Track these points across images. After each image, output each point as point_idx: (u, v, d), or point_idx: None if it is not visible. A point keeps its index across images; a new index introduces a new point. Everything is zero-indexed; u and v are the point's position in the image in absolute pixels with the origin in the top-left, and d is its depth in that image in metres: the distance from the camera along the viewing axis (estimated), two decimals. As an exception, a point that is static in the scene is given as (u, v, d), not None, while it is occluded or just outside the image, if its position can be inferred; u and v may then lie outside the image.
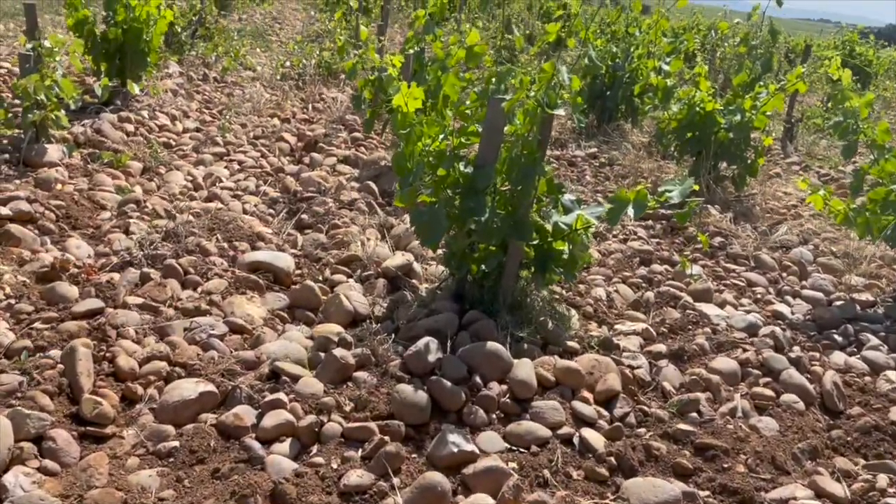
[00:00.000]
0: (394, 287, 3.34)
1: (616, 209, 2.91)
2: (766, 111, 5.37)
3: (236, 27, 12.15)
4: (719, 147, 5.49)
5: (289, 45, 10.32)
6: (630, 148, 6.82)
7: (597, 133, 7.45)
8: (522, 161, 2.79)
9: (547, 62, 3.09)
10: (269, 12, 16.48)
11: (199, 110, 6.50)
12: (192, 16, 8.69)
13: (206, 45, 8.67)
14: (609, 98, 7.52)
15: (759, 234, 4.71)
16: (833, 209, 3.64)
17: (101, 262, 3.10)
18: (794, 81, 5.11)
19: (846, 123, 3.93)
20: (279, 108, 7.03)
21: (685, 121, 5.60)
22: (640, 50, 6.54)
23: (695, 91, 5.51)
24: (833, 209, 3.64)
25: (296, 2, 22.76)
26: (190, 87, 7.21)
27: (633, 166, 6.30)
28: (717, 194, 5.38)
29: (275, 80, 8.35)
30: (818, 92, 14.05)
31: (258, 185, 4.62)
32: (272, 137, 5.82)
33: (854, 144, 3.96)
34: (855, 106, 3.95)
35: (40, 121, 3.94)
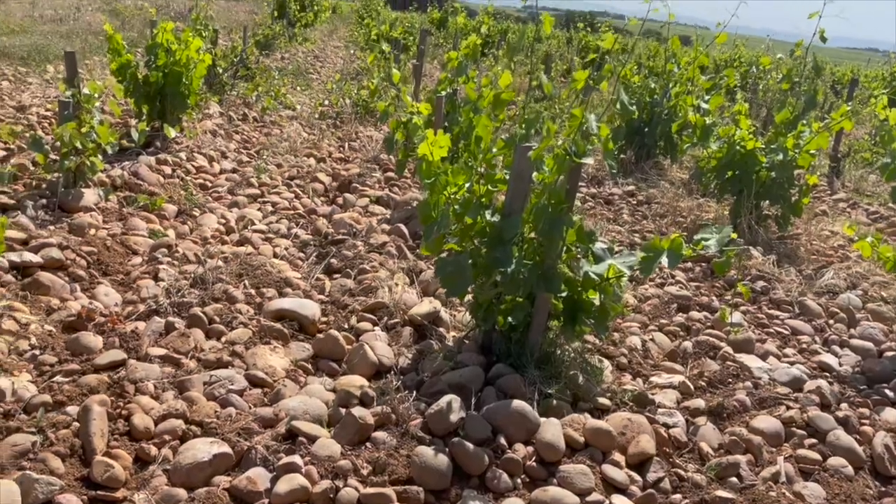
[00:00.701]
0: (420, 335, 3.27)
1: (650, 259, 2.80)
2: (809, 150, 5.20)
3: (278, 66, 12.42)
4: (761, 186, 5.32)
5: (328, 85, 10.47)
6: (668, 185, 6.69)
7: (634, 170, 7.33)
8: (550, 211, 2.70)
9: (577, 107, 3.03)
10: (311, 51, 16.81)
11: (237, 150, 6.59)
12: (233, 57, 8.88)
13: (247, 85, 8.83)
14: (647, 134, 7.41)
15: (803, 278, 4.52)
16: (882, 256, 3.46)
17: (128, 311, 3.10)
18: (839, 120, 4.94)
19: (894, 165, 3.75)
20: (316, 147, 7.09)
21: (725, 159, 5.45)
22: (678, 87, 6.43)
23: (735, 129, 5.37)
24: (882, 256, 3.46)
25: (337, 39, 23.24)
26: (229, 127, 7.34)
27: (672, 205, 6.16)
28: (759, 235, 5.20)
29: (313, 118, 8.45)
30: (866, 125, 13.67)
31: (290, 228, 4.62)
32: (307, 178, 5.85)
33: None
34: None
35: (77, 166, 4.01)
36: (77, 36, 11.56)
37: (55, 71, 8.87)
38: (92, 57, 10.29)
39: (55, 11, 14.09)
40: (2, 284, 3.01)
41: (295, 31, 16.52)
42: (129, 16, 15.37)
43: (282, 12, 17.51)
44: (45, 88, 7.85)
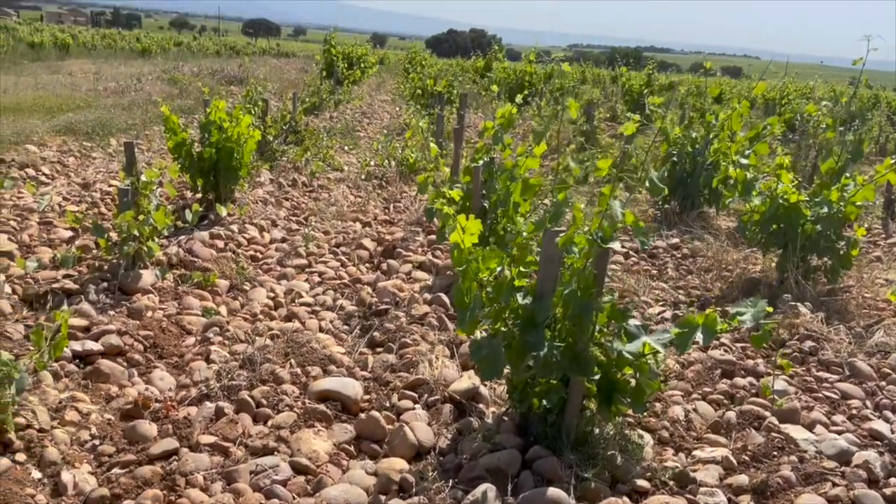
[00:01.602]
0: (460, 412, 3.33)
1: (684, 335, 2.82)
2: (856, 201, 5.13)
3: (326, 126, 12.85)
4: (807, 240, 5.25)
5: (374, 144, 10.77)
6: (714, 237, 6.64)
7: (679, 221, 7.30)
8: (579, 295, 2.76)
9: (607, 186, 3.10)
10: (358, 107, 17.32)
11: (286, 218, 6.85)
12: (282, 125, 9.26)
13: (297, 149, 9.17)
14: (691, 185, 7.40)
15: (853, 336, 4.41)
16: (930, 320, 3.38)
17: (181, 395, 3.26)
18: (884, 173, 4.86)
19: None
20: (362, 210, 7.30)
21: (768, 213, 5.40)
22: (717, 143, 6.43)
23: (776, 183, 5.33)
24: (930, 320, 3.38)
25: (385, 92, 23.87)
26: (279, 194, 7.63)
27: (717, 258, 6.11)
28: (807, 290, 5.11)
29: (360, 180, 8.71)
30: (925, 156, 13.31)
31: (335, 299, 4.77)
32: (353, 244, 6.03)
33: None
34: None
35: (135, 252, 4.27)
36: (138, 107, 12.24)
37: (117, 144, 9.39)
38: (151, 127, 10.87)
39: (117, 83, 14.96)
40: (66, 375, 3.21)
41: (343, 89, 17.07)
42: (187, 83, 16.17)
43: (330, 71, 18.15)
44: (108, 163, 8.32)
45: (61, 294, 4.14)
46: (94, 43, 33.47)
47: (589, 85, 33.58)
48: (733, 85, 36.85)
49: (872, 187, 5.06)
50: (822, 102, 6.88)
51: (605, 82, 36.67)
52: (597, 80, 39.26)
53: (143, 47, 33.57)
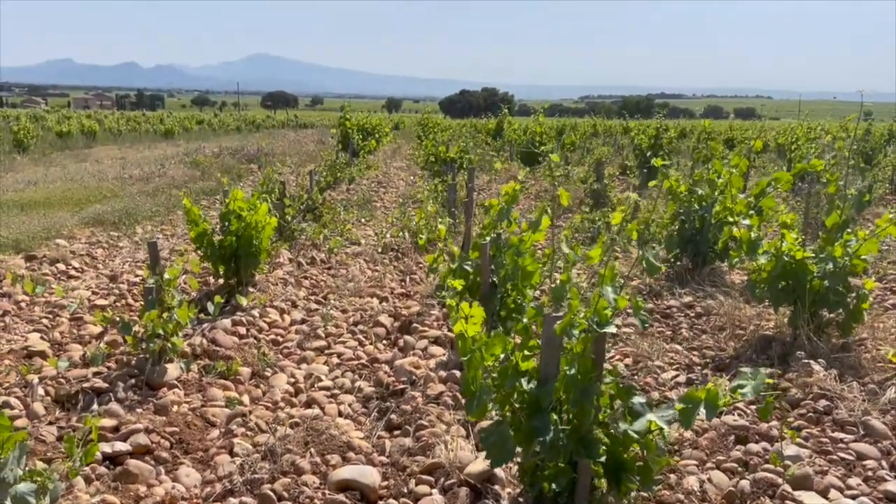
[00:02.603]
0: (476, 495, 3.40)
1: (688, 411, 2.90)
2: (861, 255, 5.20)
3: (344, 198, 13.20)
4: (816, 295, 5.31)
5: (389, 218, 11.04)
6: (727, 293, 6.70)
7: (691, 279, 7.38)
8: (579, 380, 2.87)
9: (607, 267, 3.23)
10: (374, 177, 17.75)
11: (306, 298, 7.04)
12: (300, 204, 9.57)
13: (314, 227, 9.45)
14: (700, 242, 7.51)
15: (867, 394, 4.43)
16: (935, 379, 3.42)
17: (207, 492, 3.38)
18: (885, 227, 4.95)
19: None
20: (379, 285, 7.49)
21: (775, 271, 5.48)
22: (718, 207, 6.57)
23: (780, 241, 5.43)
24: (935, 379, 3.42)
25: (400, 158, 24.43)
26: (299, 273, 7.86)
27: (730, 315, 6.16)
28: (819, 347, 5.15)
29: (376, 253, 8.93)
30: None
31: (354, 381, 4.90)
32: (370, 322, 6.19)
33: (950, 303, 3.75)
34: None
35: (160, 348, 4.46)
36: (162, 192, 12.71)
37: (143, 232, 9.76)
38: (175, 212, 11.27)
39: (142, 169, 15.55)
40: (96, 478, 3.36)
41: (359, 160, 17.53)
42: (208, 165, 16.74)
43: (346, 144, 18.68)
44: (134, 252, 8.65)
45: (91, 393, 4.33)
46: (119, 128, 34.78)
47: (600, 138, 34.09)
48: (745, 129, 37.08)
49: (876, 242, 5.14)
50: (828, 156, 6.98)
51: (617, 134, 37.19)
52: (608, 133, 39.83)
53: (166, 129, 34.79)
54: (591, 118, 53.15)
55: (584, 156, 21.75)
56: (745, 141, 23.83)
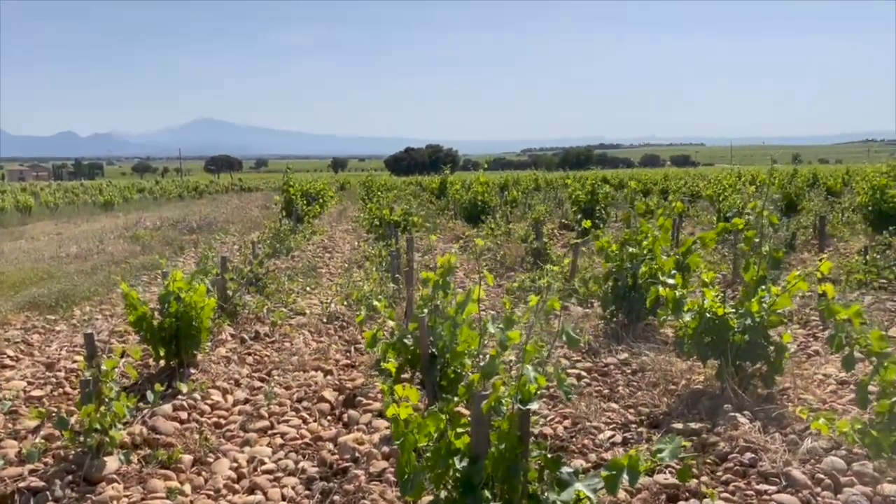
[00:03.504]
0: (418, 574, 3.46)
1: (612, 478, 3.07)
2: (776, 309, 5.53)
3: (288, 266, 13.22)
4: (738, 349, 5.60)
5: (333, 287, 11.11)
6: (661, 348, 6.96)
7: (626, 335, 7.64)
8: (507, 456, 3.01)
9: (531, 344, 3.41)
10: (320, 241, 17.81)
11: (249, 375, 7.02)
12: (241, 278, 9.58)
13: (258, 299, 9.45)
14: (634, 299, 7.81)
15: (788, 444, 4.68)
16: (839, 431, 3.67)
17: (146, 591, 3.36)
18: (794, 283, 5.29)
19: (838, 337, 4.06)
20: (324, 357, 7.52)
21: (700, 327, 5.77)
22: (644, 268, 6.90)
23: (702, 300, 5.73)
24: (839, 431, 3.67)
25: (346, 221, 24.58)
26: (242, 349, 7.84)
27: (664, 371, 6.40)
28: (744, 399, 5.41)
29: (321, 323, 8.97)
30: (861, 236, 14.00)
31: (297, 462, 4.92)
32: (314, 398, 6.22)
33: (851, 356, 4.05)
34: (844, 318, 4.09)
35: (99, 443, 4.43)
36: (100, 270, 12.52)
37: (81, 314, 9.59)
38: (115, 290, 11.10)
39: (79, 246, 15.30)
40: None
41: (303, 226, 17.62)
42: (149, 239, 16.57)
43: (289, 210, 18.75)
44: (71, 335, 8.49)
45: (27, 493, 4.25)
46: (55, 201, 34.08)
47: (542, 192, 34.96)
48: (679, 177, 38.59)
49: (788, 297, 5.47)
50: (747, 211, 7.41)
51: (559, 188, 38.21)
52: (550, 186, 40.88)
53: (105, 200, 34.26)
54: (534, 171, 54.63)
55: (527, 212, 22.29)
56: (679, 191, 24.86)
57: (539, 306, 3.77)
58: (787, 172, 28.86)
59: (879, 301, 9.14)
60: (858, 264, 10.27)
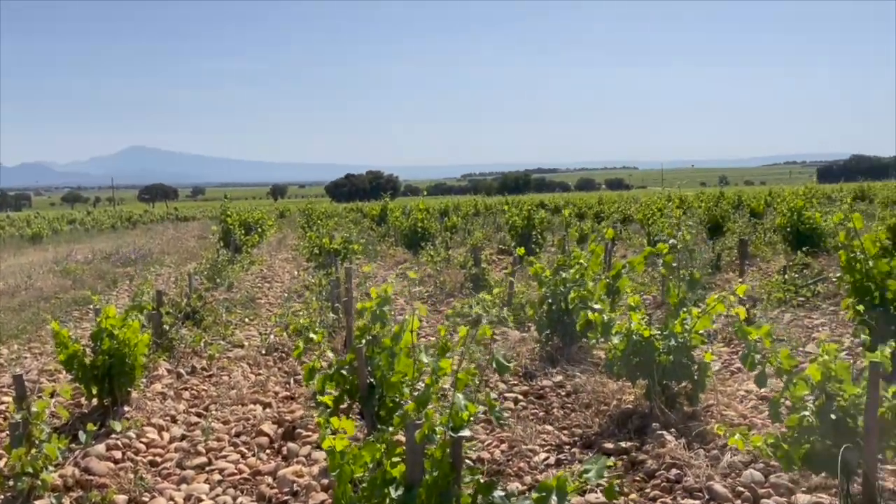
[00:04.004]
0: None
1: (542, 500, 3.21)
2: (697, 330, 5.82)
3: (227, 297, 13.05)
4: (664, 369, 5.86)
5: (271, 318, 11.04)
6: (590, 374, 7.19)
7: (561, 358, 7.87)
8: (439, 483, 3.13)
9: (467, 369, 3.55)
10: (259, 271, 17.63)
11: (186, 411, 6.94)
12: (177, 312, 9.46)
13: (195, 333, 9.33)
14: (568, 322, 8.05)
15: (711, 459, 4.92)
16: (754, 445, 3.92)
17: None
18: (713, 305, 5.60)
19: (751, 356, 4.33)
20: (262, 389, 7.49)
21: (628, 349, 6.02)
22: (573, 294, 7.16)
23: (628, 323, 5.99)
24: (754, 445, 3.92)
25: (286, 249, 24.36)
26: (178, 385, 7.73)
27: (596, 392, 6.63)
28: (671, 417, 5.66)
29: (259, 355, 8.92)
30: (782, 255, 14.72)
31: (236, 498, 4.91)
32: (252, 432, 6.20)
33: (763, 375, 4.33)
34: (756, 338, 4.37)
35: (30, 487, 4.34)
36: (29, 307, 12.12)
37: (9, 353, 9.28)
38: (45, 327, 10.76)
39: (6, 282, 14.76)
40: None
41: (241, 256, 17.42)
42: (80, 273, 16.11)
43: (227, 240, 18.52)
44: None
45: (-49, 542, 4.13)
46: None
47: (482, 217, 35.44)
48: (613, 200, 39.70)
49: (709, 318, 5.78)
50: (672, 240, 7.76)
51: (498, 213, 38.80)
52: (489, 211, 41.46)
53: (33, 232, 33.06)
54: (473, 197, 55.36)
55: (467, 237, 22.58)
56: (612, 215, 25.63)
57: (471, 334, 3.91)
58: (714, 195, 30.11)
59: (798, 318, 9.65)
60: (778, 283, 10.82)
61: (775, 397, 4.22)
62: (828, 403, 3.89)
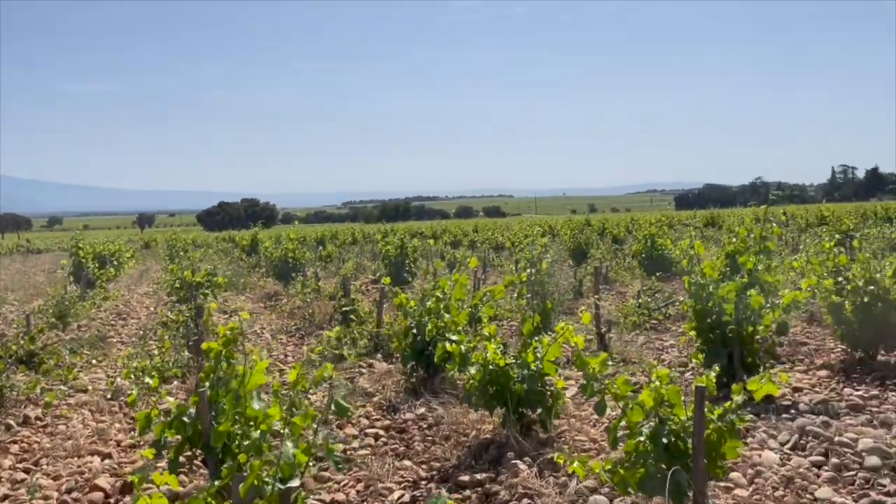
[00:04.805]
0: None
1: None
2: (549, 358, 5.95)
3: (73, 337, 12.10)
4: (519, 398, 5.94)
5: (119, 360, 10.33)
6: (451, 405, 7.18)
7: (425, 389, 7.82)
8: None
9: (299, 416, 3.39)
10: (114, 307, 16.53)
11: (12, 467, 6.29)
12: (9, 357, 8.63)
13: (31, 379, 8.53)
14: (432, 353, 8.02)
15: (560, 486, 5.00)
16: (593, 471, 4.01)
17: None
18: (562, 333, 5.74)
19: (590, 385, 4.44)
20: (103, 438, 6.93)
21: (484, 379, 6.05)
22: (430, 325, 7.16)
23: (483, 354, 6.03)
24: (593, 471, 4.01)
25: (147, 283, 23.02)
26: (7, 437, 7.01)
27: (456, 423, 6.61)
28: (524, 445, 5.72)
29: (104, 400, 8.27)
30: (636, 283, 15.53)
31: (57, 564, 4.45)
32: (86, 487, 5.69)
33: (603, 402, 4.45)
34: (593, 367, 4.50)
35: None
36: None
37: None
38: None
39: None
40: None
41: (95, 291, 16.25)
42: None
43: (78, 274, 17.26)
44: None
45: None
46: None
47: (359, 245, 35.19)
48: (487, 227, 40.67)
49: (558, 346, 5.92)
50: (530, 269, 7.94)
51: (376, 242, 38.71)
52: (368, 239, 41.28)
53: None
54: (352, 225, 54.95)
55: (342, 266, 22.27)
56: (486, 242, 26.17)
57: (325, 374, 3.77)
58: (580, 222, 31.50)
59: (650, 340, 10.16)
60: (632, 307, 11.37)
61: (614, 423, 4.35)
62: (660, 428, 4.04)
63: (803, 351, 8.85)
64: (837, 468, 5.08)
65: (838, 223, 20.87)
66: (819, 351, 8.82)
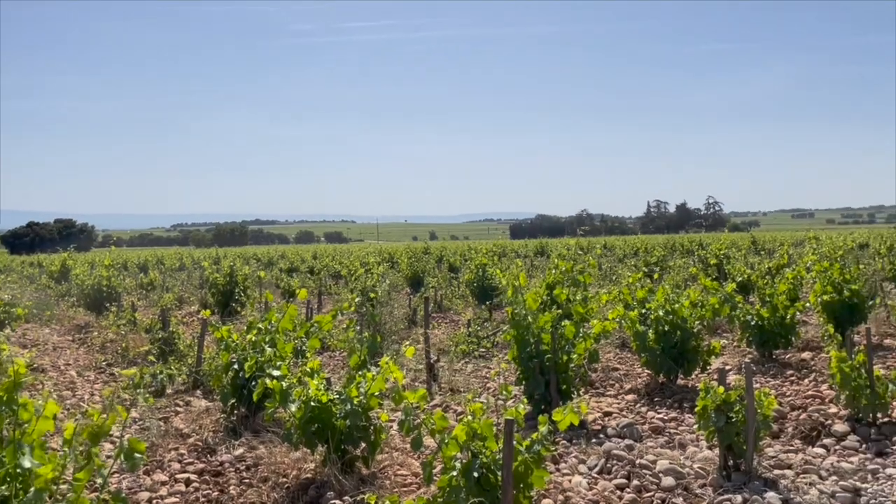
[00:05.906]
0: None
1: None
2: (373, 392, 5.88)
3: None
4: (342, 434, 5.81)
5: None
6: (272, 444, 6.89)
7: (246, 428, 7.45)
8: None
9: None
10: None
11: None
12: None
13: None
14: (252, 389, 7.67)
15: (379, 526, 4.92)
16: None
17: None
18: (386, 368, 5.69)
19: (407, 422, 4.43)
20: None
21: (305, 416, 5.87)
22: (250, 361, 6.88)
23: (305, 389, 5.85)
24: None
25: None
26: None
27: (276, 464, 6.33)
28: (345, 484, 5.59)
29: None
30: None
31: None
32: None
33: (419, 437, 4.45)
34: (410, 401, 4.49)
35: None
36: None
37: None
38: None
39: None
40: None
41: None
42: None
43: None
44: None
45: None
46: None
47: (186, 273, 33.30)
48: (327, 253, 40.14)
49: (382, 380, 5.87)
50: (359, 298, 7.84)
51: (207, 266, 36.86)
52: (197, 264, 39.22)
53: None
54: (180, 249, 51.94)
55: (166, 295, 20.92)
56: (323, 270, 25.76)
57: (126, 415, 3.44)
58: (420, 249, 31.96)
59: (478, 368, 10.41)
60: (463, 336, 11.62)
61: (429, 458, 4.36)
62: (472, 461, 4.10)
63: (614, 376, 9.45)
64: (638, 490, 5.42)
65: (649, 255, 22.75)
66: (629, 376, 9.47)
